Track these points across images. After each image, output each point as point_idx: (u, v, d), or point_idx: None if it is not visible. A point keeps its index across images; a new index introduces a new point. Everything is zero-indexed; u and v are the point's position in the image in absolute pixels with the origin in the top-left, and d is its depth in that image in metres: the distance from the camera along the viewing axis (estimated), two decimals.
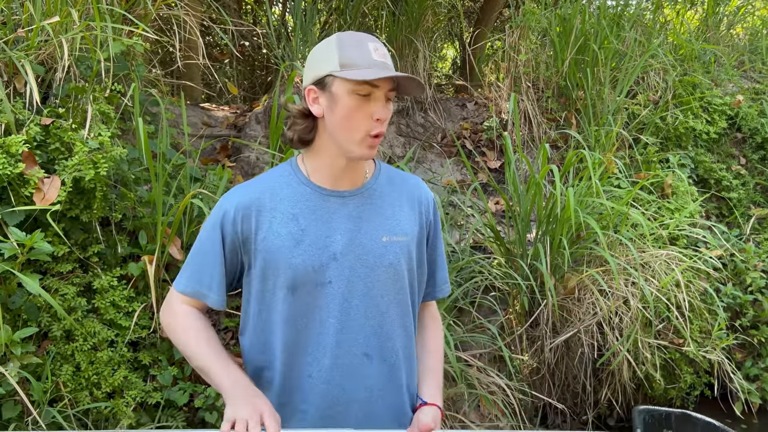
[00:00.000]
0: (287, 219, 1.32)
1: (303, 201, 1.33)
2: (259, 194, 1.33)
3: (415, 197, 1.44)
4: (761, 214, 4.22)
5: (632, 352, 3.10)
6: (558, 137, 4.10)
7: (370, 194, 1.38)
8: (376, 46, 1.26)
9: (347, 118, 1.25)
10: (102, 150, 2.17)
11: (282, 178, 1.36)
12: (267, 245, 1.31)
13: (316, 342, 1.32)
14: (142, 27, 2.58)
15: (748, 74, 5.15)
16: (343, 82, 1.23)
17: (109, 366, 2.17)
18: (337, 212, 1.33)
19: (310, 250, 1.30)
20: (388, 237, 1.36)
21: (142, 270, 2.29)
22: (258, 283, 1.34)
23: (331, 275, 1.31)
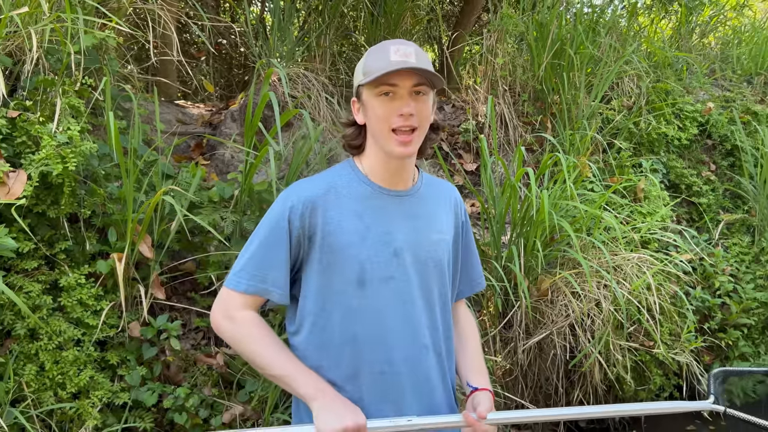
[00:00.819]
0: (353, 216, 1.37)
1: (366, 199, 1.40)
2: (325, 190, 1.38)
3: (450, 200, 1.54)
4: (730, 220, 4.30)
5: (604, 354, 3.13)
6: (533, 141, 4.13)
7: (421, 195, 1.47)
8: (398, 48, 1.33)
9: (377, 119, 1.34)
10: (71, 144, 2.12)
11: (344, 177, 1.42)
12: (334, 241, 1.35)
13: (385, 337, 1.37)
14: (115, 20, 2.53)
15: (719, 82, 5.26)
16: (367, 88, 1.34)
17: (74, 366, 2.12)
18: (395, 211, 1.41)
19: (376, 246, 1.37)
20: (438, 235, 1.45)
21: (111, 268, 2.25)
22: (322, 279, 1.37)
23: (393, 270, 1.37)
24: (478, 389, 1.45)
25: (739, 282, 3.88)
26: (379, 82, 1.30)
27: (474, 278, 1.64)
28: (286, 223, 1.35)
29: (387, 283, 1.37)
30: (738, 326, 3.71)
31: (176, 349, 2.34)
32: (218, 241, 2.54)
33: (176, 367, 2.40)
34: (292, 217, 1.35)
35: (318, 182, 1.42)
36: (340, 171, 1.45)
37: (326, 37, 4.21)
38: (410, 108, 1.31)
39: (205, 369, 2.42)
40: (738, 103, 4.87)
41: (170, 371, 2.39)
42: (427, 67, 1.31)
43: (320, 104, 3.67)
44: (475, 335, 1.61)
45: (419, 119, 1.33)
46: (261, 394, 2.42)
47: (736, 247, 4.12)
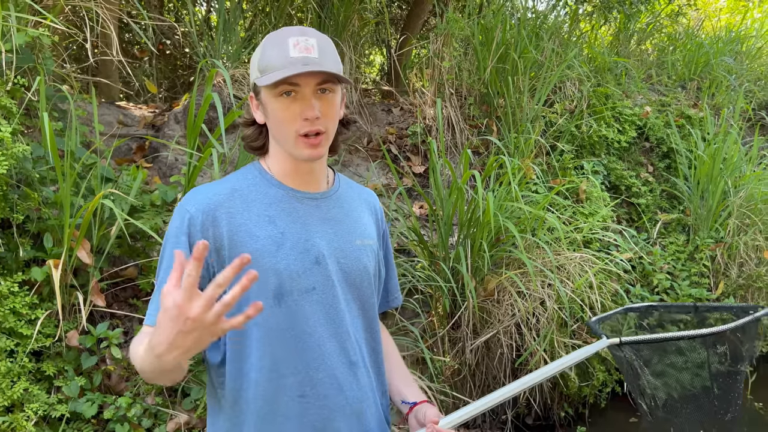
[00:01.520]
0: (264, 221, 1.21)
1: (278, 202, 1.25)
2: (227, 195, 1.22)
3: (371, 205, 1.42)
4: (666, 219, 4.48)
5: (549, 351, 3.20)
6: (480, 143, 4.20)
7: (338, 198, 1.33)
8: (297, 40, 1.17)
9: (279, 122, 1.19)
10: (2, 146, 2.03)
11: (249, 180, 1.27)
12: (245, 251, 1.17)
13: (306, 356, 1.21)
14: (50, 18, 2.44)
15: (655, 87, 5.47)
16: (267, 87, 1.17)
17: (7, 378, 2.02)
18: (312, 214, 1.27)
19: (293, 254, 1.21)
20: (361, 240, 1.32)
21: (47, 275, 2.16)
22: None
23: (315, 281, 1.23)
24: (417, 403, 1.37)
25: (675, 279, 4.04)
26: (278, 82, 1.15)
27: (391, 291, 1.50)
28: (186, 239, 1.18)
29: (309, 295, 1.21)
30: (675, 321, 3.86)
31: (117, 357, 2.27)
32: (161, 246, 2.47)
33: (117, 376, 2.32)
34: (192, 230, 1.18)
35: (219, 187, 1.24)
36: (245, 174, 1.29)
37: None
38: (315, 111, 1.17)
39: None
40: (673, 107, 5.08)
41: (111, 381, 2.31)
42: (331, 63, 1.18)
43: None
44: (395, 348, 1.51)
45: (326, 120, 1.19)
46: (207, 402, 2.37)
47: (672, 245, 4.29)
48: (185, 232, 1.18)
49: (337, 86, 1.22)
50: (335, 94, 1.21)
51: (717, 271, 4.20)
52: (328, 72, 1.16)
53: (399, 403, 1.41)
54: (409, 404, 1.37)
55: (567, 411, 3.57)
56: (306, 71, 1.14)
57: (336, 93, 1.22)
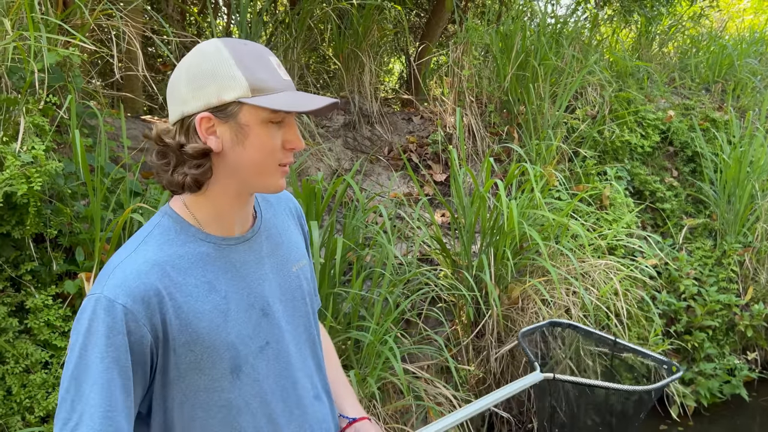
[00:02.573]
0: (204, 291, 1.04)
1: (212, 262, 1.06)
2: (159, 272, 1.00)
3: (291, 210, 1.28)
4: (692, 224, 4.43)
5: (574, 359, 3.18)
6: (501, 151, 4.20)
7: (265, 226, 1.17)
8: (275, 59, 1.05)
9: (261, 152, 1.02)
10: (36, 164, 2.09)
11: (170, 239, 1.04)
12: (194, 332, 1.01)
13: (274, 416, 1.11)
14: (79, 37, 2.51)
15: (678, 91, 5.42)
16: (256, 111, 0.99)
17: (42, 389, 2.07)
18: (247, 261, 1.10)
19: (241, 317, 1.07)
20: (296, 265, 1.20)
21: (79, 287, 2.21)
22: (183, 386, 1.03)
23: (266, 335, 1.10)
24: (357, 419, 1.28)
25: (702, 285, 3.98)
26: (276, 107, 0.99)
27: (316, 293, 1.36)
28: (125, 339, 0.95)
29: (263, 352, 1.10)
30: (703, 328, 3.81)
31: None
32: None
33: None
34: (131, 327, 0.95)
35: (139, 263, 1.00)
36: (162, 234, 1.05)
37: (294, 50, 4.22)
38: (302, 142, 1.06)
39: None
40: (697, 110, 5.03)
41: None
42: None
43: None
44: (334, 354, 1.39)
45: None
46: None
47: (699, 251, 4.23)
48: (121, 331, 0.95)
49: None
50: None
51: (746, 276, 4.14)
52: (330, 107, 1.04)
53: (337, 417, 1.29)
54: (348, 419, 1.29)
55: (594, 419, 3.54)
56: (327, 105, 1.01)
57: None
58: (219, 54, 1.01)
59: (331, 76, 4.69)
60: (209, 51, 1.02)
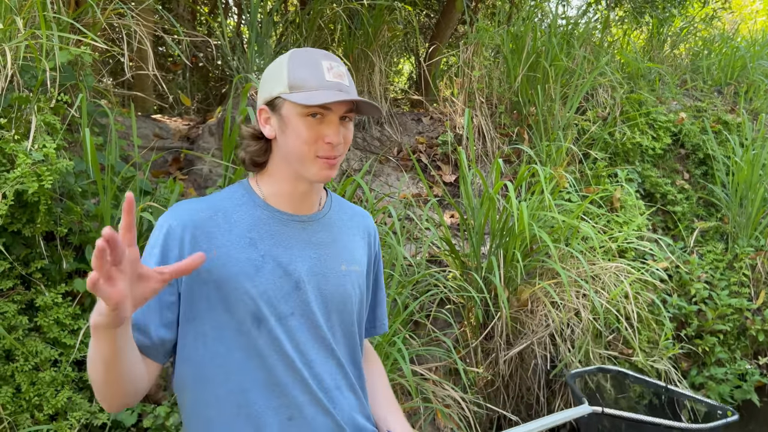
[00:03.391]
0: (245, 244, 1.19)
1: (261, 225, 1.21)
2: (211, 214, 1.19)
3: (364, 228, 1.39)
4: (704, 227, 4.39)
5: (584, 362, 3.16)
6: (511, 152, 4.18)
7: (327, 221, 1.30)
8: (331, 64, 1.18)
9: (298, 141, 1.16)
10: (47, 162, 2.10)
11: (235, 200, 1.24)
12: (224, 273, 1.16)
13: (288, 380, 1.19)
14: (90, 36, 2.51)
15: (690, 93, 5.38)
16: (293, 105, 1.16)
17: (51, 387, 2.08)
18: (296, 238, 1.24)
19: (272, 278, 1.19)
20: (346, 266, 1.29)
21: None
22: (211, 319, 1.17)
23: (293, 306, 1.20)
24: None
25: (714, 289, 3.95)
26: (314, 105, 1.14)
27: (378, 318, 1.47)
28: (159, 251, 1.15)
29: (287, 320, 1.19)
30: (714, 332, 3.77)
31: None
32: None
33: (156, 385, 2.36)
34: (169, 243, 1.15)
35: (204, 204, 1.21)
36: (231, 193, 1.26)
37: None
38: (339, 137, 1.17)
39: None
40: (709, 112, 4.99)
41: (150, 390, 2.35)
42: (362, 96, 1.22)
43: None
44: (383, 375, 1.48)
45: (344, 147, 1.20)
46: None
47: (710, 254, 4.20)
48: (159, 244, 1.15)
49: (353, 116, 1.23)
50: (351, 123, 1.22)
51: (758, 280, 4.10)
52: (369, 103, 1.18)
53: (383, 428, 1.38)
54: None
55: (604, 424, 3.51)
56: (350, 99, 1.14)
57: (352, 122, 1.23)
58: (282, 59, 1.20)
59: None
60: (281, 57, 1.22)
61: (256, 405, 1.18)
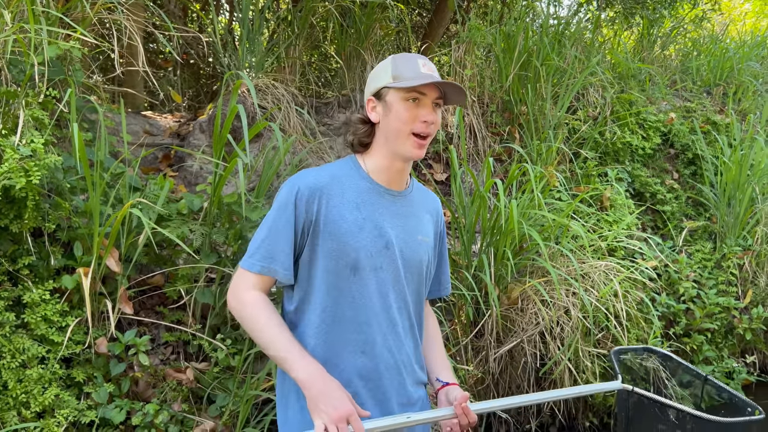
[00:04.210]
0: (352, 207, 1.49)
1: (364, 193, 1.51)
2: (328, 180, 1.49)
3: (433, 208, 1.67)
4: (692, 227, 4.42)
5: (573, 360, 3.17)
6: (502, 151, 4.18)
7: (410, 198, 1.59)
8: (424, 62, 1.49)
9: (399, 121, 1.46)
10: (35, 157, 2.08)
11: (345, 171, 1.53)
12: (336, 228, 1.46)
13: (369, 320, 1.48)
14: (80, 31, 2.49)
15: (679, 93, 5.41)
16: (396, 92, 1.46)
17: (39, 384, 2.06)
18: (389, 208, 1.53)
19: (370, 237, 1.48)
20: (422, 237, 1.58)
21: (77, 283, 2.20)
22: (324, 262, 1.46)
23: (383, 261, 1.49)
24: (449, 384, 1.58)
25: (702, 287, 3.97)
26: (412, 89, 1.44)
27: (442, 282, 1.76)
28: (293, 208, 1.45)
29: (376, 272, 1.48)
30: (702, 331, 3.80)
31: (145, 364, 2.30)
32: (187, 254, 2.51)
33: (145, 383, 2.35)
34: (298, 202, 1.45)
35: (323, 172, 1.52)
36: (342, 165, 1.55)
37: (296, 47, 4.21)
38: (433, 117, 1.46)
39: (175, 384, 2.39)
40: (698, 113, 5.02)
41: (139, 387, 2.34)
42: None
43: (290, 115, 3.67)
44: (439, 333, 1.74)
45: (435, 128, 1.48)
46: (232, 409, 2.39)
47: (698, 253, 4.23)
48: (293, 202, 1.45)
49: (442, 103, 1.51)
50: (440, 110, 1.51)
51: (745, 279, 4.13)
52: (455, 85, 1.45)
53: (434, 380, 1.63)
54: (442, 383, 1.59)
55: (592, 420, 3.53)
56: (439, 82, 1.43)
57: (441, 108, 1.51)
58: (385, 61, 1.53)
59: (333, 74, 4.67)
60: (383, 61, 1.53)
61: (341, 336, 1.47)
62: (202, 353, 2.56)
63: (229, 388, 2.43)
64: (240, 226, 2.58)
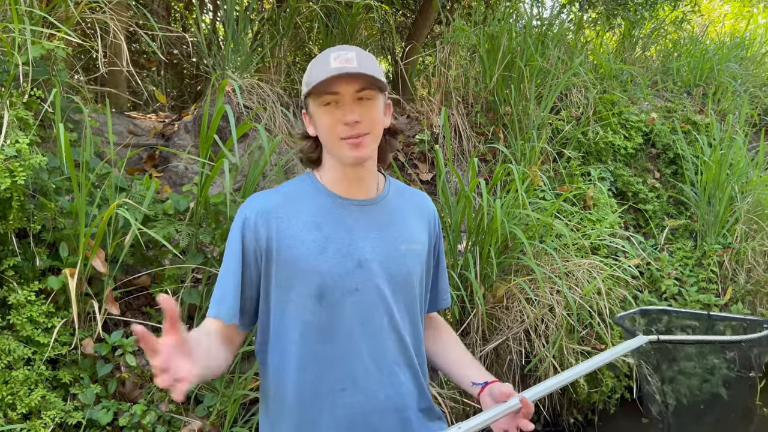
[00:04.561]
0: (311, 227, 1.32)
1: (325, 209, 1.34)
2: (281, 201, 1.34)
3: (423, 210, 1.48)
4: (674, 225, 4.49)
5: (558, 358, 3.21)
6: (486, 151, 4.22)
7: (385, 204, 1.40)
8: (338, 54, 1.26)
9: (324, 129, 1.29)
10: (20, 158, 2.07)
11: (302, 188, 1.38)
12: (292, 253, 1.29)
13: (347, 352, 1.31)
14: (64, 30, 2.48)
15: (660, 93, 5.49)
16: (312, 99, 1.29)
17: (25, 385, 2.05)
18: (358, 221, 1.35)
19: (336, 257, 1.30)
20: (406, 246, 1.38)
21: (63, 283, 2.19)
22: (280, 294, 1.31)
23: (357, 282, 1.31)
24: (489, 383, 1.40)
25: (683, 285, 4.04)
26: (321, 92, 1.25)
27: (441, 292, 1.56)
28: (240, 239, 1.31)
29: (351, 295, 1.30)
30: (683, 327, 3.86)
31: (132, 365, 2.29)
32: (173, 255, 2.50)
33: (132, 383, 2.35)
34: (245, 232, 1.31)
35: (274, 194, 1.37)
36: (298, 182, 1.40)
37: (281, 47, 4.21)
38: (354, 115, 1.25)
39: None
40: (679, 113, 5.09)
41: (126, 388, 2.34)
42: (367, 69, 1.24)
43: (276, 115, 3.67)
44: (455, 337, 1.58)
45: (368, 124, 1.27)
46: (220, 409, 2.40)
47: (680, 251, 4.29)
48: (239, 233, 1.31)
49: (377, 94, 1.29)
50: (374, 101, 1.29)
51: (725, 276, 4.21)
52: (363, 75, 1.24)
53: (469, 386, 1.43)
54: (480, 384, 1.41)
55: (576, 417, 3.58)
56: (341, 74, 1.22)
57: (375, 100, 1.29)
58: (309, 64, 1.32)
59: None
60: None
61: (314, 374, 1.30)
62: None
63: (217, 387, 2.43)
64: (227, 226, 2.58)
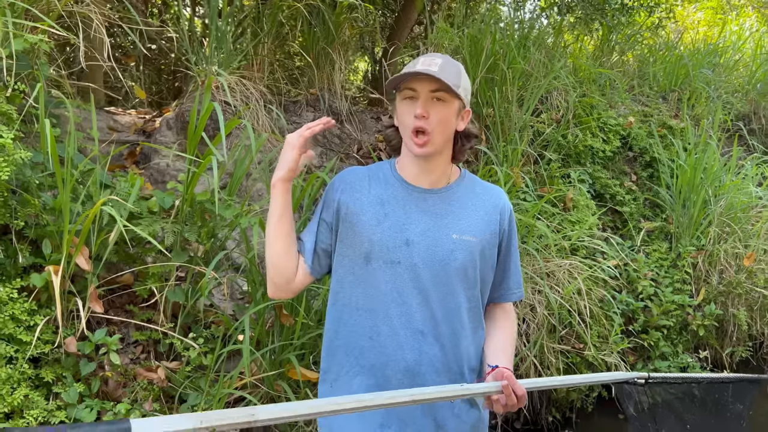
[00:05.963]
0: (376, 202, 1.56)
1: (392, 190, 1.57)
2: (362, 176, 1.61)
3: (495, 205, 1.62)
4: (650, 227, 4.58)
5: (538, 357, 3.26)
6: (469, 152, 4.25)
7: (448, 195, 1.59)
8: (425, 59, 1.48)
9: (400, 120, 1.53)
10: (3, 153, 2.03)
11: (382, 170, 1.62)
12: (356, 218, 1.54)
13: (378, 310, 1.52)
14: (47, 23, 2.44)
15: (637, 98, 5.59)
16: (398, 94, 1.52)
17: (7, 384, 2.01)
18: (417, 205, 1.56)
19: (389, 232, 1.52)
20: (458, 235, 1.54)
21: (46, 281, 2.15)
22: (342, 248, 1.56)
23: (401, 257, 1.51)
24: (498, 366, 1.50)
25: (659, 286, 4.13)
26: (402, 87, 1.49)
27: (510, 287, 1.68)
28: (324, 198, 1.61)
29: (392, 266, 1.51)
30: (658, 327, 3.95)
31: (115, 363, 2.26)
32: (156, 253, 2.48)
33: (115, 382, 2.32)
34: (329, 191, 1.60)
35: (362, 169, 1.64)
36: (381, 165, 1.65)
37: (264, 45, 4.18)
38: (422, 110, 1.45)
39: (146, 383, 2.36)
40: (655, 117, 5.20)
41: (109, 387, 2.31)
42: (445, 75, 1.43)
43: (259, 113, 3.65)
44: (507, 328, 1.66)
45: (433, 121, 1.46)
46: (204, 408, 2.38)
47: (656, 253, 4.38)
48: (326, 193, 1.61)
49: (452, 98, 1.49)
50: (447, 103, 1.49)
51: (698, 277, 4.31)
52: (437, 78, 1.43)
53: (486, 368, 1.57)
54: (491, 367, 1.52)
55: (555, 415, 3.63)
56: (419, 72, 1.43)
57: (449, 102, 1.49)
58: None
59: (301, 72, 4.66)
60: None
61: (352, 319, 1.55)
62: (173, 352, 2.53)
63: (201, 387, 2.42)
64: (213, 224, 2.56)
